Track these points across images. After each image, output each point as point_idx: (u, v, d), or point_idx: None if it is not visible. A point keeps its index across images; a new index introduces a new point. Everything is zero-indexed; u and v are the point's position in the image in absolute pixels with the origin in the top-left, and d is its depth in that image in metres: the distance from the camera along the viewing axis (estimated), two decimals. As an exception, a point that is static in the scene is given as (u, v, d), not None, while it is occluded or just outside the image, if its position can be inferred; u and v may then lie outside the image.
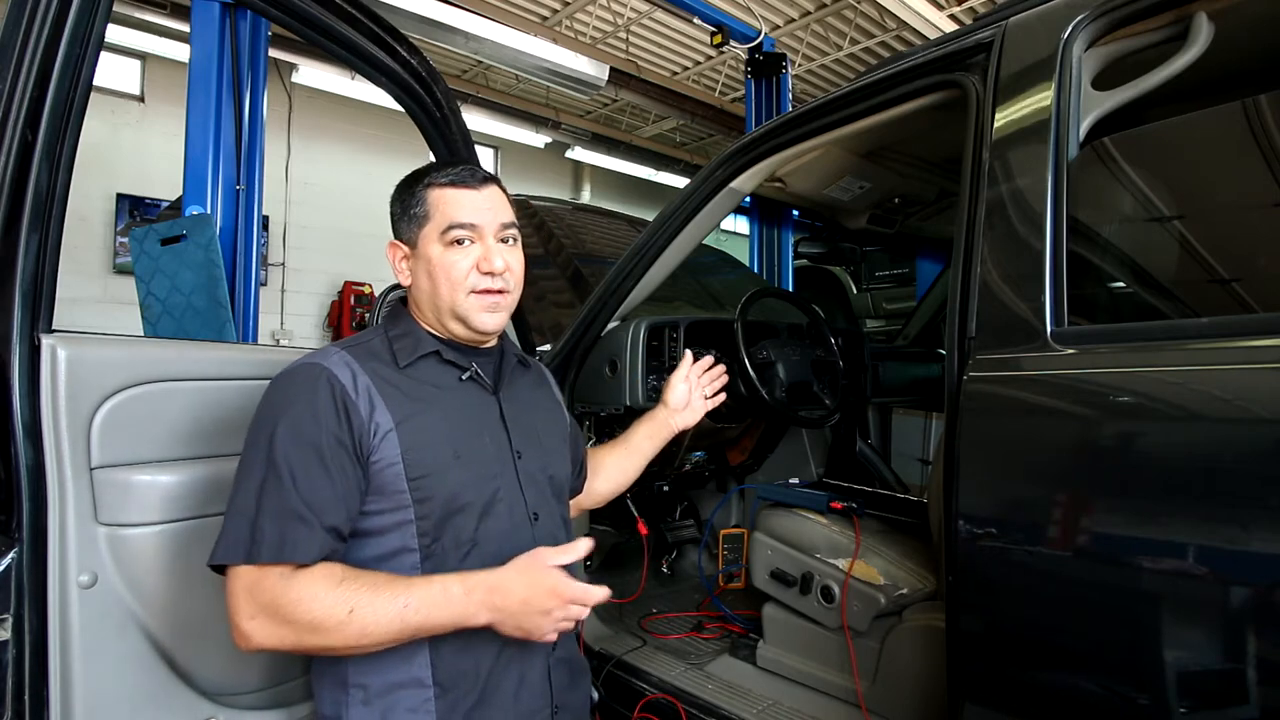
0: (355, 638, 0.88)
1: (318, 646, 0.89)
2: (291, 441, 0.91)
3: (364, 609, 0.88)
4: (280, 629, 0.87)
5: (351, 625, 0.87)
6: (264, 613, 0.87)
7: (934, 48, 1.29)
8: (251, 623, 0.88)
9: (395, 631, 0.89)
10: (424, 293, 1.08)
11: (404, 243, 1.09)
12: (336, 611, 0.87)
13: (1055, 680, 0.94)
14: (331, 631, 0.87)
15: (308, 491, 0.90)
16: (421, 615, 0.90)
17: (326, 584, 0.88)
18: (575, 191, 10.06)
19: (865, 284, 5.22)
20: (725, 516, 2.55)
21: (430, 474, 0.99)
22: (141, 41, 5.96)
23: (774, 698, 1.69)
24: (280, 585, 0.87)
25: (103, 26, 1.01)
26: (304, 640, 0.88)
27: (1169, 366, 0.88)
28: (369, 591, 0.89)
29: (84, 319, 6.11)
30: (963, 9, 6.04)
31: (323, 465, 0.92)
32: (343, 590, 0.88)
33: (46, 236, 0.96)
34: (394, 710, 0.96)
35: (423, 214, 1.06)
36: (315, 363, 0.98)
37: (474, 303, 1.06)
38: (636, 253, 1.78)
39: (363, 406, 0.96)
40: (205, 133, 2.74)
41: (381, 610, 0.88)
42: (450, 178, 1.07)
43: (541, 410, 1.23)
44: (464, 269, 1.05)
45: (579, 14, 6.65)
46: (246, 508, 0.90)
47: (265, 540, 0.87)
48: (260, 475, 0.91)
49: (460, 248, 1.05)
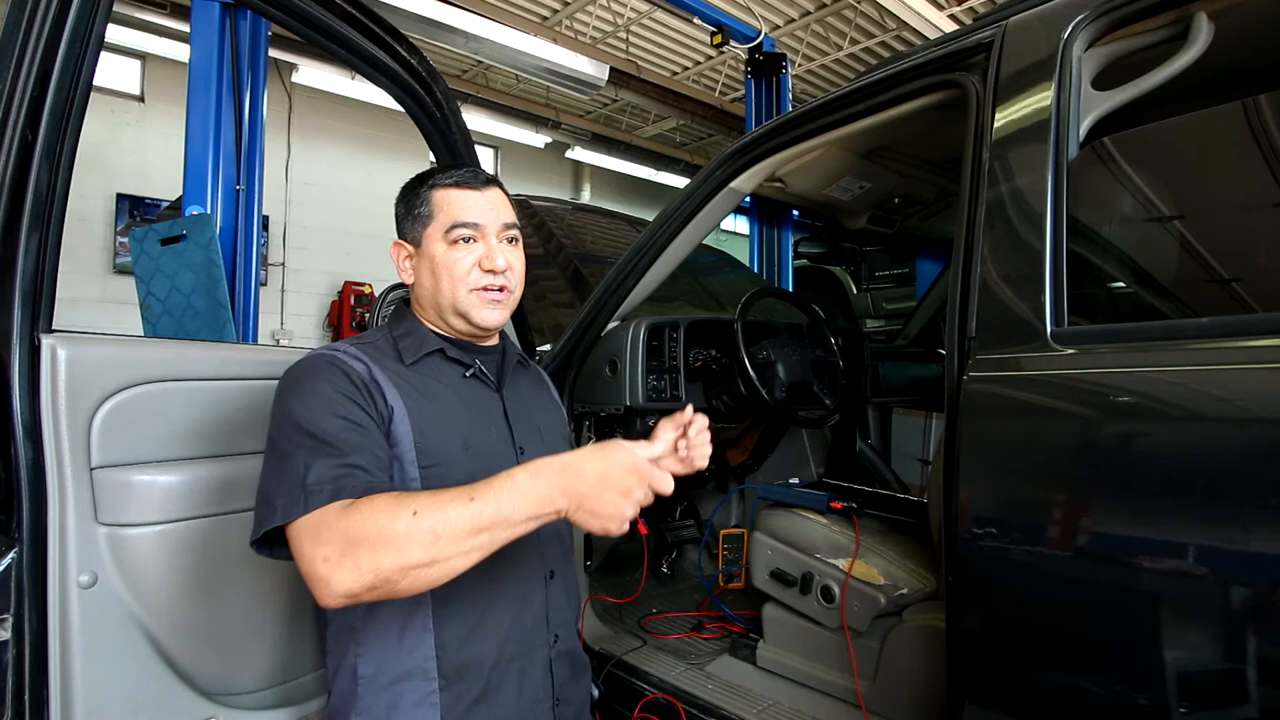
0: (428, 542, 0.82)
1: (393, 566, 0.82)
2: (322, 410, 0.93)
3: (428, 510, 0.83)
4: (353, 556, 0.82)
5: (420, 526, 0.82)
6: (333, 544, 0.83)
7: (934, 48, 1.29)
8: (326, 564, 0.82)
9: (467, 529, 0.83)
10: (427, 290, 1.10)
11: (408, 242, 1.12)
12: (401, 516, 0.82)
13: (1055, 680, 0.94)
14: (403, 540, 0.81)
15: (348, 446, 0.91)
16: (491, 506, 0.84)
17: (388, 499, 0.85)
18: (575, 191, 10.06)
19: (865, 284, 5.22)
20: (725, 516, 2.55)
21: (441, 464, 1.00)
22: (141, 41, 5.97)
23: (774, 698, 1.69)
24: (341, 514, 0.84)
25: (103, 26, 1.01)
26: (379, 562, 0.81)
27: (1169, 366, 0.88)
28: (429, 497, 0.85)
29: (84, 319, 6.11)
30: (963, 9, 6.04)
31: (355, 424, 0.94)
32: (404, 500, 0.85)
33: (46, 236, 0.96)
34: (400, 702, 0.97)
35: (427, 214, 1.09)
36: (328, 352, 1.01)
37: (476, 299, 1.08)
38: (636, 253, 1.78)
39: (376, 395, 0.99)
40: (205, 133, 2.74)
41: (447, 508, 0.83)
42: (454, 179, 1.10)
43: (542, 409, 1.24)
44: (466, 266, 1.07)
45: (579, 14, 6.65)
46: (295, 473, 0.88)
47: (321, 487, 0.86)
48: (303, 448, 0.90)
49: (463, 246, 1.08)
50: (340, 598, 0.83)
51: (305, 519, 0.85)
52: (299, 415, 0.93)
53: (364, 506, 0.85)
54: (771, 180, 1.87)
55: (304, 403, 0.94)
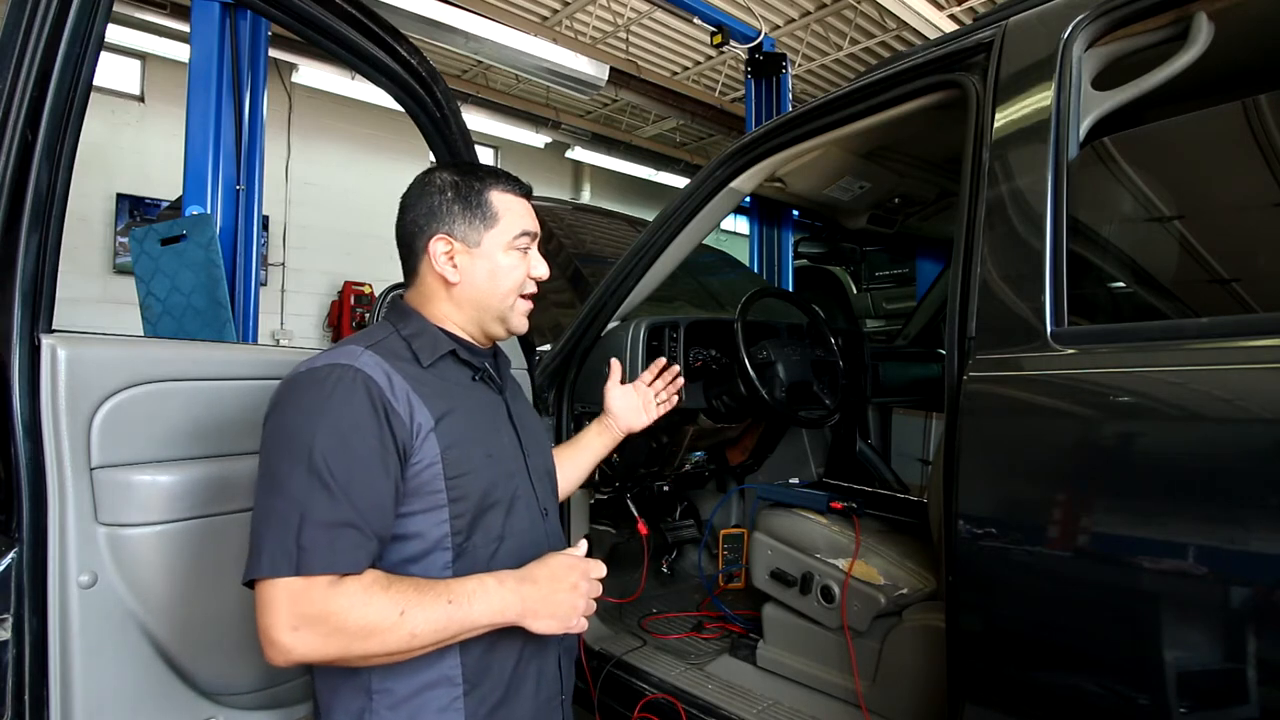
0: (405, 641, 0.86)
1: (362, 654, 0.85)
2: (335, 448, 0.88)
3: (414, 609, 0.86)
4: (328, 639, 0.83)
5: (403, 627, 0.85)
6: (309, 623, 0.83)
7: (934, 48, 1.29)
8: (294, 635, 0.83)
9: (440, 629, 0.88)
10: (476, 290, 1.07)
11: (460, 240, 1.07)
12: (389, 614, 0.85)
13: (1055, 680, 0.94)
14: (384, 635, 0.84)
15: (355, 499, 0.87)
16: (463, 611, 0.89)
17: (375, 588, 0.86)
18: (575, 191, 10.06)
19: (865, 284, 5.22)
20: (725, 516, 2.55)
21: (467, 472, 0.99)
22: (141, 41, 5.96)
23: (774, 698, 1.69)
24: (330, 593, 0.84)
25: (103, 26, 1.01)
26: (350, 648, 0.84)
27: (1169, 366, 0.88)
28: (415, 592, 0.87)
29: (84, 319, 6.10)
30: (963, 9, 6.03)
31: (368, 472, 0.89)
32: (392, 593, 0.86)
33: (46, 236, 0.97)
34: (423, 711, 0.95)
35: (490, 215, 1.07)
36: (345, 364, 0.94)
37: (520, 307, 1.11)
38: (636, 253, 1.78)
39: (402, 408, 0.94)
40: (205, 133, 2.74)
41: (429, 609, 0.87)
42: (512, 185, 1.11)
43: (530, 411, 1.26)
44: (522, 275, 1.10)
45: (579, 14, 6.64)
46: (288, 517, 0.85)
47: (314, 550, 0.84)
48: (301, 483, 0.86)
49: (521, 255, 1.10)
50: (290, 663, 0.85)
51: (288, 581, 0.84)
52: (303, 440, 0.88)
53: (354, 594, 0.85)
54: (771, 180, 1.87)
55: (310, 425, 0.89)
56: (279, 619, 0.83)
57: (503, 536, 1.03)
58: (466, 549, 0.99)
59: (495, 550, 1.02)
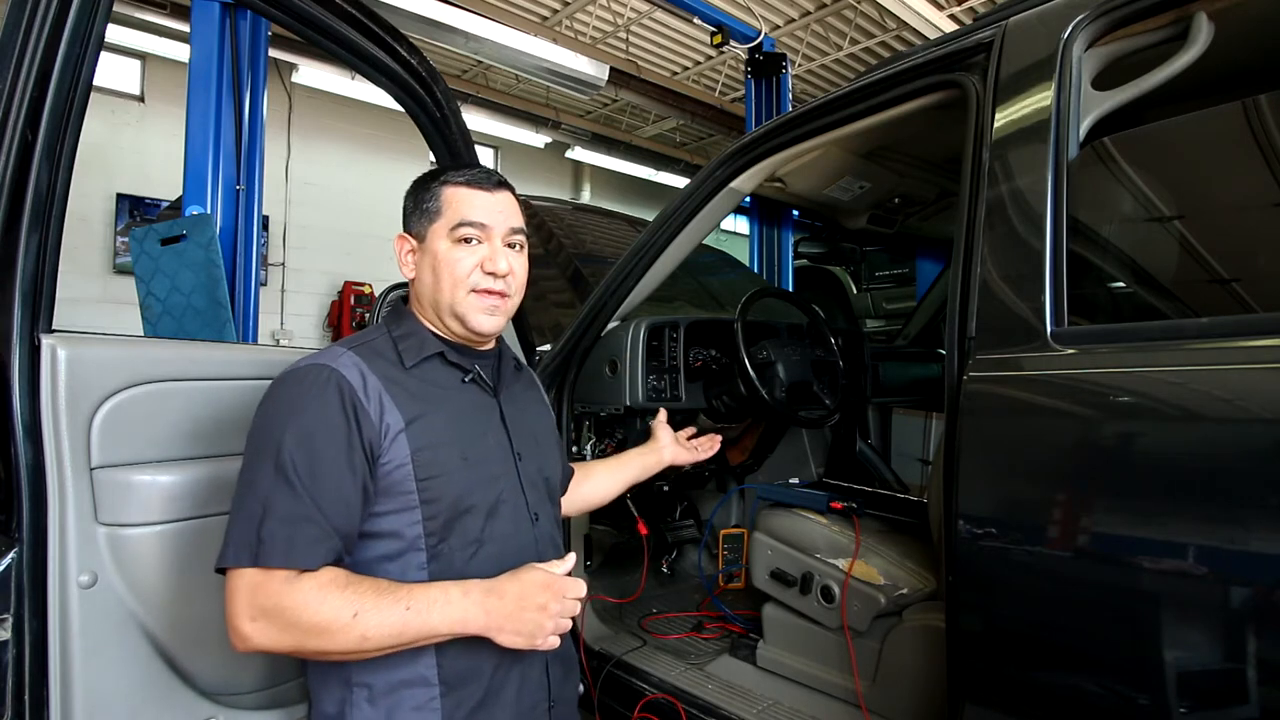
0: (356, 642, 0.88)
1: (316, 650, 0.89)
2: (301, 445, 0.91)
3: (368, 612, 0.88)
4: (282, 632, 0.87)
5: (355, 629, 0.87)
6: (266, 615, 0.87)
7: (934, 48, 1.29)
8: (253, 625, 0.87)
9: (394, 635, 0.89)
10: (426, 287, 1.08)
11: (412, 236, 1.10)
12: (342, 615, 0.87)
13: (1055, 680, 0.94)
14: (335, 634, 0.87)
15: (317, 495, 0.90)
16: (421, 618, 0.90)
17: (332, 588, 0.88)
18: (575, 191, 10.06)
19: (865, 284, 5.22)
20: (725, 516, 2.55)
21: (439, 475, 0.99)
22: (141, 41, 5.96)
23: (774, 698, 1.69)
24: (285, 589, 0.87)
25: (103, 26, 1.01)
26: (304, 643, 0.88)
27: (1169, 366, 0.88)
28: (373, 595, 0.89)
29: (84, 319, 6.10)
30: (963, 9, 6.03)
31: (332, 469, 0.92)
32: (348, 594, 0.88)
33: (46, 236, 0.96)
34: (399, 708, 0.97)
35: (435, 209, 1.07)
36: (323, 364, 0.97)
37: (474, 302, 1.06)
38: (636, 253, 1.78)
39: (373, 409, 0.96)
40: (205, 133, 2.74)
41: (385, 613, 0.88)
42: (467, 178, 1.09)
43: (535, 414, 1.24)
44: (468, 266, 1.06)
45: (579, 14, 6.64)
46: (253, 511, 0.89)
47: (273, 544, 0.87)
48: (268, 478, 0.90)
49: (467, 246, 1.06)
50: (250, 650, 0.89)
51: (249, 572, 0.88)
52: (274, 436, 0.92)
53: (309, 592, 0.87)
54: (771, 180, 1.87)
55: (281, 423, 0.92)
56: (240, 608, 0.88)
57: (481, 540, 1.02)
58: (442, 551, 0.99)
59: (474, 554, 1.01)
